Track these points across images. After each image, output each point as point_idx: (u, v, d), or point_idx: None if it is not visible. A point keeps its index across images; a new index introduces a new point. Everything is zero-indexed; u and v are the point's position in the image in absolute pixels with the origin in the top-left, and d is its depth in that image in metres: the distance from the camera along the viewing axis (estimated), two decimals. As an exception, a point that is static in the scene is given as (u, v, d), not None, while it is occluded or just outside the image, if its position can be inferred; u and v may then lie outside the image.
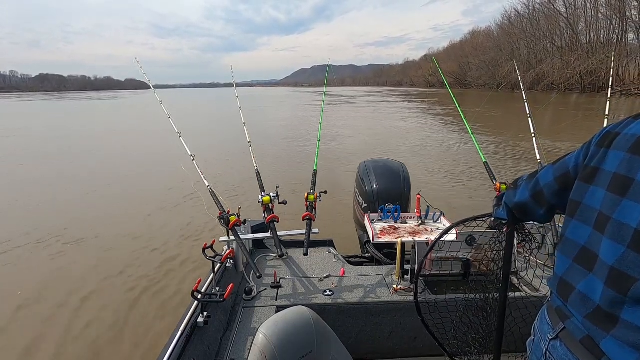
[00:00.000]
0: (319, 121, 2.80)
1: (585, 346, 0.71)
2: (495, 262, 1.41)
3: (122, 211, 5.70)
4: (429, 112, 23.22)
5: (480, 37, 73.86)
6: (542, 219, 0.99)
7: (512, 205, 1.05)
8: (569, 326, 0.75)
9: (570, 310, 0.75)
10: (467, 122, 2.68)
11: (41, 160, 9.81)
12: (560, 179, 0.86)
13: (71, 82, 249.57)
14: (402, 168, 2.61)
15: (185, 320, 1.48)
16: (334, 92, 74.86)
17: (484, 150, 2.91)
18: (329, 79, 3.90)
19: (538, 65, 50.16)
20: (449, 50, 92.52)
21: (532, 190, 0.95)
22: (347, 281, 2.09)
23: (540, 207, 0.94)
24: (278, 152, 10.09)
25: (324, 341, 1.27)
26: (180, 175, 4.46)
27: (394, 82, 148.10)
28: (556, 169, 0.87)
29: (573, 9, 46.36)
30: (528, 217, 1.04)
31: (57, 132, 16.33)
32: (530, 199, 0.95)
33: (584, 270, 0.73)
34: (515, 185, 1.04)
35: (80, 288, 3.50)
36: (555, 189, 0.87)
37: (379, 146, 11.27)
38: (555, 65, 46.71)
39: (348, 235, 2.85)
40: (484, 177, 3.21)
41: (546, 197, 0.90)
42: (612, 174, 0.69)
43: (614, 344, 0.65)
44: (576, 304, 0.74)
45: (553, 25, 48.81)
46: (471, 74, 70.52)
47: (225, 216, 1.95)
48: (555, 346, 0.79)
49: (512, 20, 58.82)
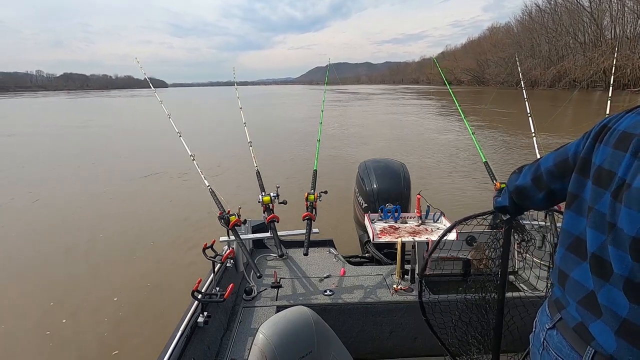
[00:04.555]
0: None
1: (577, 332, 0.74)
2: (494, 262, 1.39)
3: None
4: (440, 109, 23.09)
5: (500, 34, 72.22)
6: (540, 204, 1.02)
7: (512, 189, 1.07)
8: (564, 315, 0.78)
9: (567, 297, 0.78)
10: (467, 122, 2.65)
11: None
12: (559, 164, 0.88)
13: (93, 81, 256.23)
14: (403, 168, 2.59)
15: (185, 320, 1.49)
16: (350, 89, 74.89)
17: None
18: (345, 78, 3.90)
19: (559, 61, 48.69)
20: (467, 47, 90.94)
21: (532, 174, 0.97)
22: (347, 281, 2.09)
23: (539, 191, 0.96)
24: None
25: (324, 341, 1.27)
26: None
27: (410, 80, 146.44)
28: (557, 155, 0.90)
29: (598, 3, 44.78)
30: (527, 202, 1.06)
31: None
32: (531, 182, 0.98)
33: (577, 259, 0.76)
34: (519, 170, 1.07)
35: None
36: (555, 173, 0.90)
37: (381, 140, 11.23)
38: (578, 62, 45.24)
39: (348, 235, 2.84)
40: (484, 177, 3.13)
41: (545, 181, 0.93)
42: (597, 167, 0.72)
43: (603, 328, 0.68)
44: (571, 291, 0.77)
45: (576, 20, 47.27)
46: (489, 71, 69.04)
47: (226, 216, 1.96)
48: (551, 335, 0.82)
49: (533, 15, 57.27)
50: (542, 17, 54.80)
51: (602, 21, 44.29)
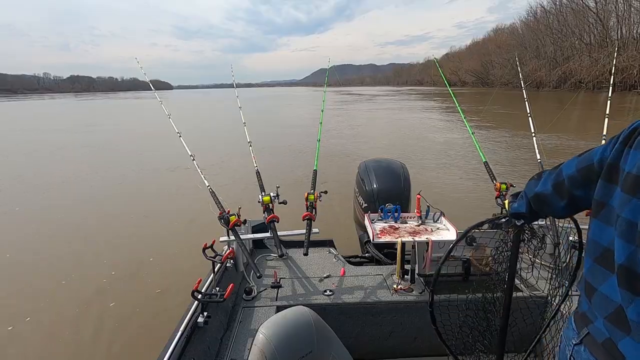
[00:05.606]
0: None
1: (606, 348, 0.70)
2: (499, 263, 1.38)
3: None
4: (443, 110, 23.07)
5: (504, 35, 71.85)
6: (561, 212, 0.97)
7: (531, 196, 1.02)
8: (592, 330, 0.75)
9: (595, 312, 0.74)
10: (467, 122, 2.64)
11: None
12: (583, 170, 0.83)
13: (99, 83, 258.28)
14: (403, 168, 2.59)
15: (185, 320, 1.49)
16: (354, 91, 74.99)
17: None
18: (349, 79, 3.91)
19: (565, 62, 48.36)
20: (471, 48, 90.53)
21: (554, 181, 0.92)
22: (347, 281, 2.09)
23: (561, 199, 0.91)
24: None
25: (324, 341, 1.27)
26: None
27: (414, 81, 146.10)
28: (580, 160, 0.85)
29: (603, 4, 44.44)
30: (546, 210, 1.01)
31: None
32: (552, 190, 0.93)
33: (606, 271, 0.72)
34: (538, 176, 1.02)
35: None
36: (578, 180, 0.85)
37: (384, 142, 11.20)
38: (583, 63, 44.91)
39: (348, 236, 2.84)
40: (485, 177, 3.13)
41: (567, 188, 0.88)
42: (627, 174, 0.68)
43: (632, 345, 0.64)
44: (599, 305, 0.73)
45: (581, 21, 46.96)
46: (494, 73, 68.72)
47: (226, 216, 1.96)
48: (579, 351, 0.78)
49: (538, 16, 56.97)
50: (547, 18, 54.50)
51: (608, 22, 43.95)
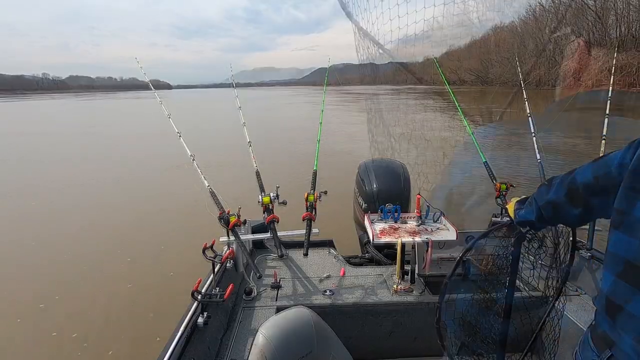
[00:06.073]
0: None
1: None
2: (499, 268, 1.38)
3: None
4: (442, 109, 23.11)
5: (504, 33, 71.86)
6: (575, 221, 0.92)
7: (542, 204, 0.96)
8: (617, 354, 0.69)
9: (620, 332, 0.69)
10: (467, 122, 2.64)
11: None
12: (600, 178, 0.78)
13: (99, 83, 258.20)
14: (402, 168, 2.59)
15: (185, 321, 1.48)
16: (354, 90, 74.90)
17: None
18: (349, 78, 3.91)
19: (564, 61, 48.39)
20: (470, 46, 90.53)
21: (567, 188, 0.87)
22: (347, 281, 2.09)
23: (575, 207, 0.85)
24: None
25: (324, 341, 1.28)
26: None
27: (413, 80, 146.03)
28: (596, 166, 0.80)
29: (602, 2, 44.38)
30: (558, 218, 0.96)
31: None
32: (565, 197, 0.88)
33: (632, 288, 0.66)
34: (549, 183, 0.96)
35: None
36: (594, 188, 0.79)
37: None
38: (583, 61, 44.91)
39: (348, 236, 2.84)
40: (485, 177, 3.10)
41: (583, 196, 0.83)
42: None
43: None
44: (625, 325, 0.67)
45: (580, 19, 46.92)
46: (493, 71, 68.74)
47: (225, 216, 1.96)
48: None
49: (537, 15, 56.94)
50: (546, 16, 54.51)
51: (607, 20, 43.87)
